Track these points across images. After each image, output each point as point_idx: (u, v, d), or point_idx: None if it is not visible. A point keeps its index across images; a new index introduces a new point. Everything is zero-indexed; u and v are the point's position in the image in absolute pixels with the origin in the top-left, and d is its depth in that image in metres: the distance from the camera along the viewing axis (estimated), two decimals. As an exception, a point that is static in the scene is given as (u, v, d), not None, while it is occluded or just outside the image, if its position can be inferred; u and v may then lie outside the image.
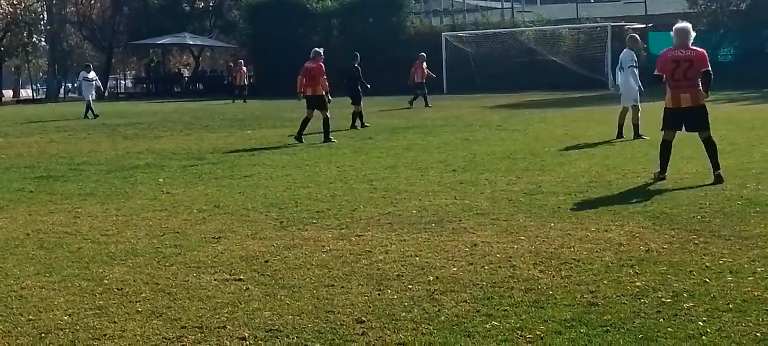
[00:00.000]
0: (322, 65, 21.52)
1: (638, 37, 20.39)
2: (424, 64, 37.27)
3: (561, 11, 56.79)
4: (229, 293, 7.27)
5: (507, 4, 57.86)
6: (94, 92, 36.40)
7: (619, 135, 19.19)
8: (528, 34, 49.67)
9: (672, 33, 13.14)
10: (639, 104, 19.48)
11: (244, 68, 49.98)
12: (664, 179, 12.61)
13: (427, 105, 35.40)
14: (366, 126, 24.93)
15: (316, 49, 22.27)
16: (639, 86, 19.47)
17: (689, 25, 13.14)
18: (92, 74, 37.74)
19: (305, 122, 21.16)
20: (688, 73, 12.75)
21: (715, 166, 12.50)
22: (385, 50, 50.18)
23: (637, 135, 18.97)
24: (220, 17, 74.39)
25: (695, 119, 12.92)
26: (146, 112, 36.86)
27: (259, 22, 55.20)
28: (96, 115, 34.47)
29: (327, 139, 20.80)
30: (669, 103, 12.99)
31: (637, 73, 19.68)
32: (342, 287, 7.31)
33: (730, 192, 11.37)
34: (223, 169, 15.92)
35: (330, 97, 21.63)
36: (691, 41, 12.97)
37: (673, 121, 12.97)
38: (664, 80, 13.01)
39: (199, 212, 11.26)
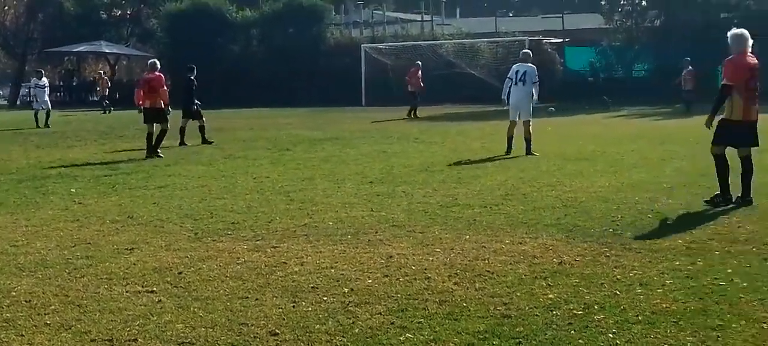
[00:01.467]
0: (162, 77, 21.13)
1: (531, 53, 20.40)
2: (420, 73, 36.19)
3: (480, 25, 57.29)
4: (141, 305, 7.17)
5: (426, 17, 58.19)
6: (48, 100, 34.81)
7: (509, 150, 18.80)
8: (447, 47, 49.97)
9: (730, 39, 12.06)
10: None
11: (106, 78, 49.16)
12: (731, 199, 11.57)
13: (412, 116, 34.03)
14: (211, 142, 23.61)
15: (154, 60, 22.02)
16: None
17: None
18: (44, 80, 36.39)
19: (150, 137, 20.28)
20: (758, 83, 11.82)
21: (746, 191, 11.60)
22: (305, 61, 50.12)
23: (529, 151, 18.34)
24: (137, 26, 73.47)
25: (751, 134, 11.82)
26: (60, 121, 36.18)
27: (178, 31, 54.61)
28: (47, 125, 33.12)
29: (153, 153, 19.87)
30: (738, 115, 11.66)
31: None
32: (256, 299, 7.26)
33: (641, 205, 11.56)
34: (137, 179, 15.71)
35: (170, 109, 20.91)
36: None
37: (733, 136, 11.75)
38: (734, 90, 11.68)
39: (112, 223, 11.10)
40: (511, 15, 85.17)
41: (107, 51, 66.88)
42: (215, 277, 8.08)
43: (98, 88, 48.47)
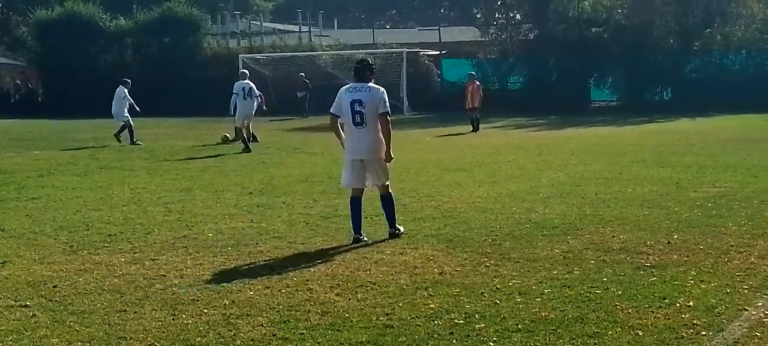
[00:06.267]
0: None
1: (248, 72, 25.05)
2: (478, 83, 33.35)
3: (358, 36, 57.51)
4: (14, 319, 6.98)
5: (304, 28, 58.15)
6: None
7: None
8: (325, 58, 50.02)
9: None
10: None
11: None
12: None
13: (476, 130, 30.95)
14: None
15: None
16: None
17: None
18: None
19: None
20: None
21: None
22: (182, 71, 49.50)
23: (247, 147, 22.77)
24: (6, 33, 71.57)
25: None
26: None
27: (49, 39, 53.26)
28: None
29: None
30: None
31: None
32: (135, 313, 7.13)
33: (519, 216, 11.76)
34: (8, 190, 15.27)
35: None
36: None
37: None
38: None
39: (-17, 236, 10.76)
40: (388, 27, 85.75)
41: (-25, 59, 64.95)
42: (92, 290, 7.92)
43: None
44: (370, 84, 10.36)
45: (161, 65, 49.62)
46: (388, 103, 10.29)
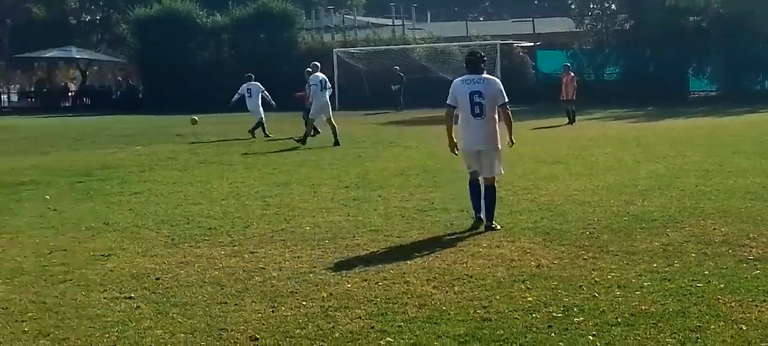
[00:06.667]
0: None
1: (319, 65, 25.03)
2: (573, 75, 32.87)
3: (451, 29, 57.34)
4: (119, 311, 7.14)
5: (398, 22, 58.19)
6: None
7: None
8: (419, 51, 50.02)
9: None
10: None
11: None
12: None
13: (572, 122, 30.61)
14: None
15: None
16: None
17: None
18: None
19: None
20: None
21: None
22: (276, 66, 50.02)
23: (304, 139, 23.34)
24: (107, 31, 73.12)
25: None
26: (32, 127, 36.00)
27: (148, 36, 54.27)
28: None
29: None
30: None
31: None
32: (235, 305, 7.25)
33: (617, 208, 11.62)
34: (112, 185, 15.63)
35: None
36: None
37: None
38: None
39: (88, 230, 11.04)
40: (481, 19, 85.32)
41: (78, 56, 66.48)
42: (193, 282, 8.06)
43: None
44: (485, 75, 10.63)
45: (257, 61, 50.17)
46: (505, 93, 10.58)
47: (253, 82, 28.29)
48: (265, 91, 28.17)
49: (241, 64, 49.45)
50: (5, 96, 79.85)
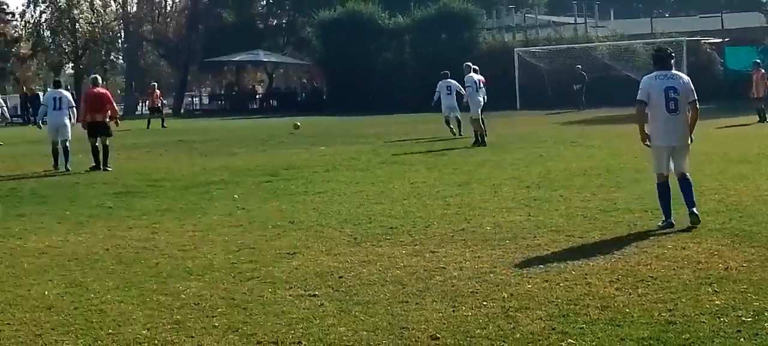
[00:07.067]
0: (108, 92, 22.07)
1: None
2: (764, 72, 31.77)
3: (635, 26, 56.09)
4: (303, 308, 7.32)
5: (580, 20, 57.40)
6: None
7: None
8: (602, 50, 49.23)
9: None
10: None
11: (158, 91, 45.71)
12: None
13: (762, 120, 29.45)
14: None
15: (95, 75, 22.77)
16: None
17: None
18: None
19: (96, 150, 20.49)
20: None
21: None
22: (458, 66, 50.13)
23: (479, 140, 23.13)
24: (293, 34, 74.93)
25: None
26: (221, 129, 37.27)
27: (331, 38, 55.40)
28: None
29: (103, 167, 20.20)
30: None
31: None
32: (416, 304, 7.31)
33: (812, 209, 11.14)
34: (297, 185, 16.02)
35: (118, 122, 21.77)
36: None
37: None
38: None
39: (274, 228, 11.35)
40: (666, 15, 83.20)
41: (265, 60, 68.46)
42: (375, 281, 8.18)
43: (146, 100, 45.61)
44: (675, 71, 10.57)
45: (437, 62, 50.31)
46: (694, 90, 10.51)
47: (449, 80, 28.24)
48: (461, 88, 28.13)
49: (422, 65, 49.82)
50: (197, 99, 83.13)
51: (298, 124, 31.82)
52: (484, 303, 7.25)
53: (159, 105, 44.98)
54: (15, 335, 6.84)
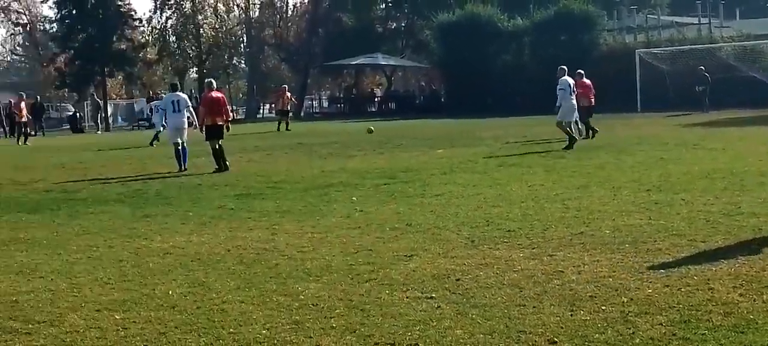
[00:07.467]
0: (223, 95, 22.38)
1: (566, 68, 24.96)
2: None
3: (762, 26, 54.61)
4: (421, 310, 7.34)
5: (704, 20, 56.17)
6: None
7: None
8: (726, 50, 48.09)
9: None
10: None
11: (288, 93, 45.72)
12: None
13: None
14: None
15: (210, 79, 23.46)
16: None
17: None
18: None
19: (217, 153, 21.18)
20: None
21: None
22: (577, 68, 49.59)
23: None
24: (411, 37, 75.31)
25: None
26: (340, 132, 37.64)
27: (450, 41, 55.46)
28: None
29: (223, 167, 20.91)
30: None
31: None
32: (534, 307, 7.27)
33: None
34: (414, 188, 16.07)
35: (229, 126, 21.98)
36: None
37: None
38: None
39: (392, 230, 11.41)
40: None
41: (383, 63, 68.91)
42: (492, 284, 8.16)
43: (280, 104, 45.28)
44: None
45: (556, 63, 49.88)
46: None
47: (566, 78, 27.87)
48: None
49: (541, 67, 49.43)
50: (316, 102, 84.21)
51: (372, 128, 32.53)
52: (603, 308, 7.17)
53: (288, 107, 44.71)
54: (140, 333, 7.03)
